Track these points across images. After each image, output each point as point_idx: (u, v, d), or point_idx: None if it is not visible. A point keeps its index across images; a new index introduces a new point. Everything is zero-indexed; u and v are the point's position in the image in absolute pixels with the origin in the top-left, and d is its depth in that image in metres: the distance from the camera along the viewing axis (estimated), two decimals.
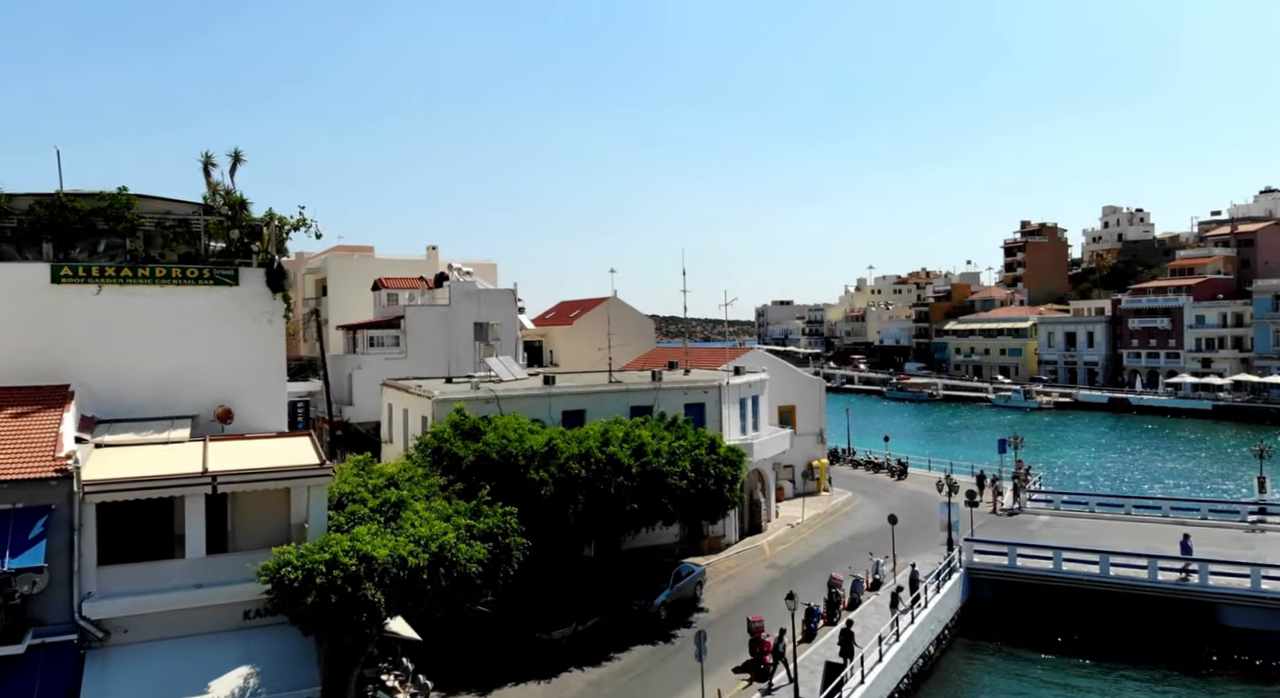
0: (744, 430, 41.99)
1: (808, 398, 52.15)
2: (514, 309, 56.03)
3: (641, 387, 38.50)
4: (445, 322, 53.19)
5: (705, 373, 45.86)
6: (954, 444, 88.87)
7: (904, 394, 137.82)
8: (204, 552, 21.56)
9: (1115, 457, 78.55)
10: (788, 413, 51.45)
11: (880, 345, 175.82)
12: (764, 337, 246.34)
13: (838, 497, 51.00)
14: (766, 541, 40.60)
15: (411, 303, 53.37)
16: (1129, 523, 42.72)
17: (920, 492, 52.27)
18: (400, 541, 20.52)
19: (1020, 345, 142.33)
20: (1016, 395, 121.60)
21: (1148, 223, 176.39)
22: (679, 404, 38.87)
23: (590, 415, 36.89)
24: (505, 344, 54.59)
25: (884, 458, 61.20)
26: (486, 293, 55.07)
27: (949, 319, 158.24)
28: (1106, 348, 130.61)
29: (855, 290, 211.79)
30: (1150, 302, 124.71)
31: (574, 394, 36.99)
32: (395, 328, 52.43)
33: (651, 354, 60.45)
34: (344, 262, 65.10)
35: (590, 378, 42.61)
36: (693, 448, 31.61)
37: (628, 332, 69.00)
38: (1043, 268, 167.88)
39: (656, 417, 37.23)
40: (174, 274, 26.60)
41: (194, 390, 26.61)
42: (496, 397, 35.13)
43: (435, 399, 34.38)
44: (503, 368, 41.34)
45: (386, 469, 27.66)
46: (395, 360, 51.77)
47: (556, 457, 28.45)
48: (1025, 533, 41.73)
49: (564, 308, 73.87)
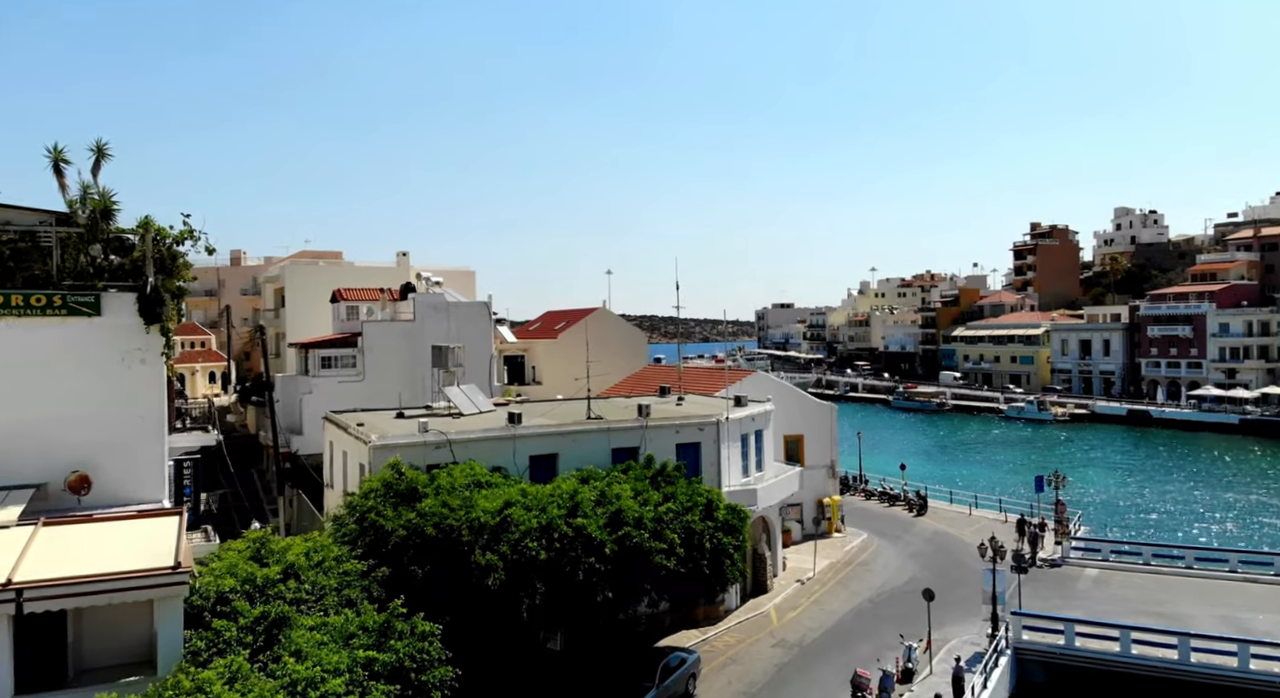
0: (746, 472, 36.04)
1: (817, 426, 46.19)
2: (488, 324, 50.03)
3: (625, 425, 32.53)
4: (409, 340, 47.21)
5: (701, 400, 39.94)
6: (970, 464, 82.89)
7: (911, 404, 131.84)
8: (11, 693, 15.68)
9: (1144, 480, 72.56)
10: (795, 444, 45.51)
11: (885, 352, 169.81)
12: (764, 340, 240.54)
13: (852, 539, 45.04)
14: (773, 604, 34.61)
15: (370, 318, 47.36)
16: (1194, 580, 36.76)
17: (944, 533, 46.32)
18: (266, 688, 14.53)
19: (1032, 353, 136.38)
20: (1030, 407, 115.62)
21: (1162, 225, 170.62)
22: (670, 445, 32.92)
23: (564, 460, 30.95)
24: (478, 364, 48.61)
25: (900, 488, 55.19)
26: (457, 306, 49.08)
27: (956, 325, 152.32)
28: (1124, 356, 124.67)
29: (858, 294, 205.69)
30: (1170, 309, 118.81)
31: (544, 435, 31.02)
32: (351, 346, 46.45)
33: (643, 373, 54.47)
34: (303, 270, 59.06)
35: (567, 409, 36.60)
36: (684, 511, 25.63)
37: (617, 345, 63.08)
38: (1053, 271, 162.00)
39: (642, 461, 31.32)
40: (14, 302, 20.63)
41: (40, 452, 20.63)
42: (448, 440, 29.15)
43: (372, 445, 28.40)
44: (464, 399, 35.36)
45: (294, 548, 21.71)
46: (351, 384, 45.83)
47: (510, 531, 22.47)
48: (1073, 592, 35.78)
49: (549, 319, 67.89)
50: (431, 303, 48.34)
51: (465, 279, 65.62)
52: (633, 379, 53.26)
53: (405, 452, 28.58)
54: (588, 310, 64.36)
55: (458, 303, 49.26)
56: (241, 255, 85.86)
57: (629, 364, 62.12)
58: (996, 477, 74.97)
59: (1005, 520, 49.34)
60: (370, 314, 47.89)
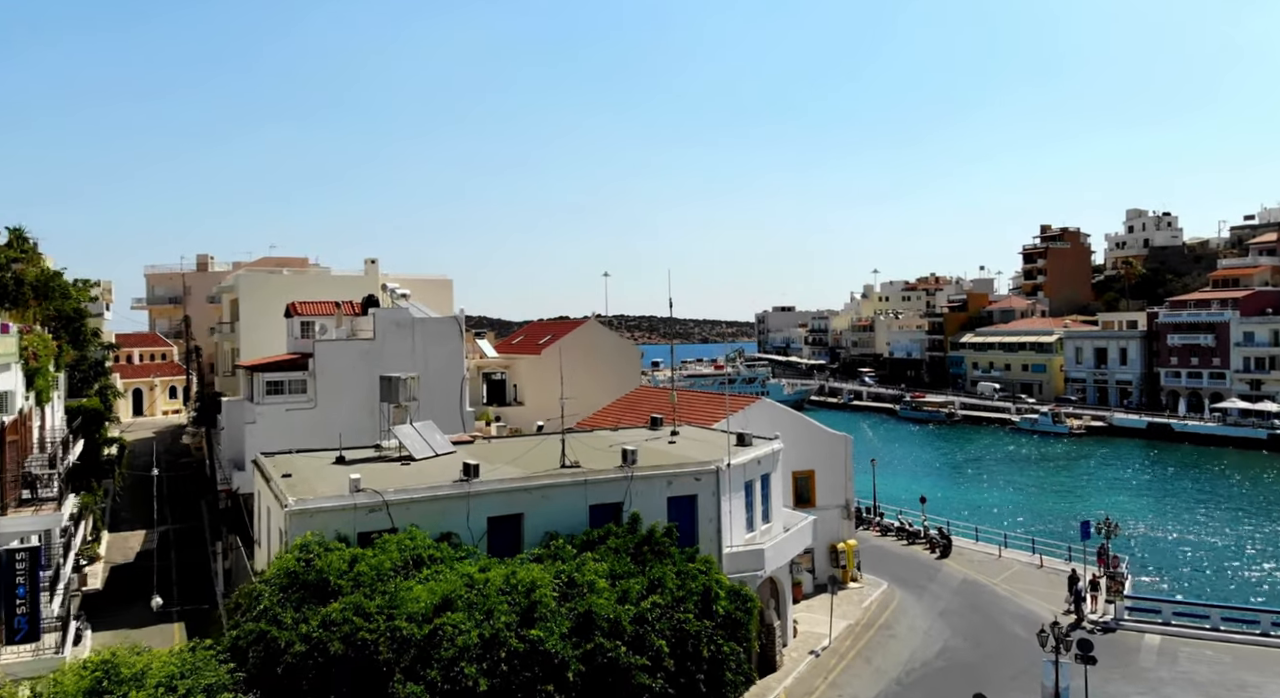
0: (751, 525, 30.57)
1: (830, 460, 40.69)
2: (459, 342, 44.50)
3: (606, 476, 27.04)
4: (368, 361, 41.68)
5: (698, 435, 34.47)
6: (988, 485, 77.29)
7: (919, 414, 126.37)
8: None
9: (1180, 507, 67.03)
10: (805, 481, 40.04)
11: (890, 358, 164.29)
12: (764, 344, 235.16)
13: (870, 590, 39.56)
14: (784, 686, 29.09)
15: (324, 336, 41.82)
16: (1275, 652, 31.31)
17: (975, 583, 40.82)
18: None
19: (1044, 361, 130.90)
20: (1044, 419, 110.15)
21: (1175, 227, 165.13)
22: (660, 500, 27.46)
23: (531, 522, 25.51)
24: (448, 388, 43.18)
25: (921, 524, 49.66)
26: (425, 323, 43.58)
27: (965, 331, 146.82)
28: (1141, 365, 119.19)
29: (861, 297, 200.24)
30: (1192, 316, 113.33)
31: (506, 492, 25.52)
32: (301, 369, 40.93)
33: (635, 397, 48.97)
34: (259, 279, 53.52)
35: (540, 453, 31.06)
36: (675, 604, 20.23)
37: (608, 361, 57.65)
38: (1064, 275, 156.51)
39: (626, 522, 25.91)
40: None
41: None
42: (385, 503, 23.65)
43: (289, 510, 22.92)
44: (416, 440, 29.89)
45: (152, 673, 16.23)
46: (301, 412, 40.33)
47: (443, 647, 17.01)
48: (1135, 669, 30.27)
49: (534, 331, 62.37)
50: (395, 319, 42.84)
51: (440, 290, 60.05)
52: (623, 403, 47.81)
53: (330, 518, 23.14)
54: (575, 323, 58.96)
55: (425, 318, 43.74)
56: (209, 260, 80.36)
57: (621, 381, 56.67)
58: (1020, 502, 69.48)
59: (1040, 565, 43.89)
60: (323, 332, 42.36)
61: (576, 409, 54.16)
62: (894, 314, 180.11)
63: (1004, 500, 70.16)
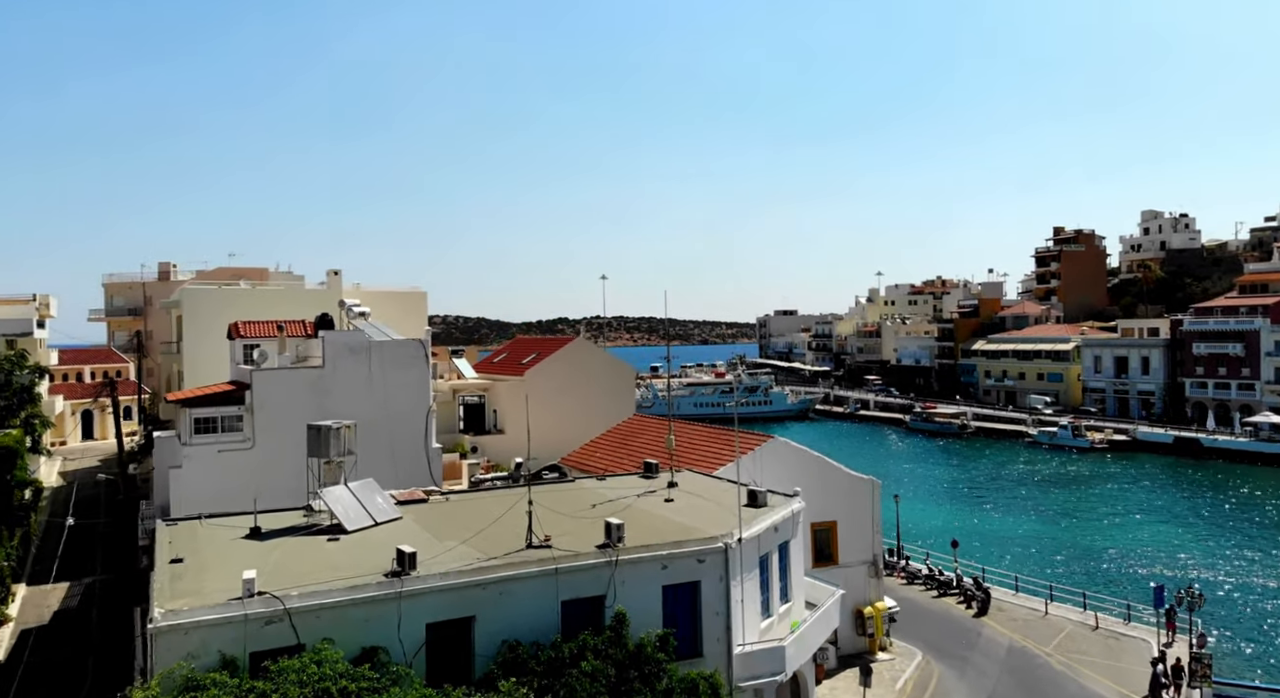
0: (767, 609, 24.72)
1: (854, 509, 34.83)
2: (424, 367, 38.58)
3: (584, 562, 21.13)
4: (317, 393, 35.76)
5: (700, 485, 28.61)
6: (1013, 510, 71.07)
7: (930, 426, 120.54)
8: None
9: (1226, 540, 61.12)
10: (826, 534, 34.18)
11: (897, 365, 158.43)
12: (766, 349, 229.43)
13: (903, 664, 33.72)
14: None
15: (264, 364, 35.92)
16: None
17: (1024, 651, 34.95)
18: None
19: (1061, 370, 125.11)
20: (1064, 432, 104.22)
21: (1193, 229, 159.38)
22: (652, 589, 21.58)
23: (484, 627, 19.66)
24: (411, 422, 37.35)
25: (954, 572, 43.75)
26: (384, 346, 37.67)
27: (976, 337, 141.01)
28: (1164, 375, 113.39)
29: (867, 301, 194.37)
30: (1219, 324, 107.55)
31: (451, 589, 19.66)
32: (237, 403, 35.05)
33: (626, 429, 43.06)
34: (204, 295, 47.65)
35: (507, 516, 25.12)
36: None
37: (599, 384, 51.86)
38: (1079, 279, 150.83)
39: (609, 626, 20.10)
40: None
41: None
42: (286, 611, 17.81)
43: (158, 627, 17.08)
44: (350, 505, 24.02)
45: None
46: (236, 454, 34.46)
47: None
48: None
49: (518, 349, 56.49)
50: (348, 343, 36.92)
51: (411, 304, 54.07)
52: (615, 437, 41.95)
53: (213, 635, 17.30)
54: (562, 340, 53.13)
55: (385, 341, 37.85)
56: (171, 268, 74.48)
57: (613, 405, 50.86)
58: (1052, 535, 63.32)
59: (1096, 626, 38.03)
60: (264, 358, 36.44)
61: (565, 437, 48.40)
62: (901, 319, 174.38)
63: (1033, 532, 64.25)
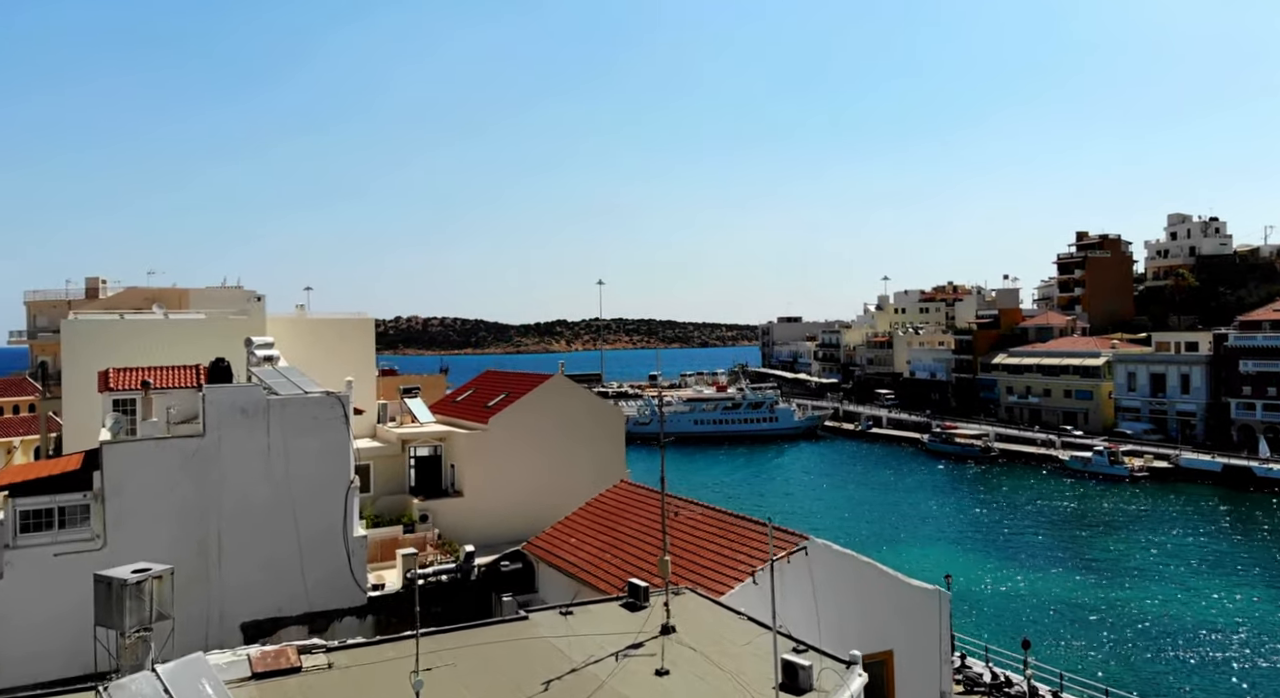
0: None
1: (917, 634, 25.63)
2: (343, 432, 29.36)
3: None
4: (194, 471, 26.67)
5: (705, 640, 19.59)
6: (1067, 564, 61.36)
7: (950, 448, 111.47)
8: None
9: None
10: (879, 669, 25.08)
11: (911, 379, 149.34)
12: (769, 358, 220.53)
13: None
14: None
15: (119, 435, 26.88)
16: None
17: None
18: None
19: (1091, 387, 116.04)
20: (1099, 459, 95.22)
21: (1224, 234, 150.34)
22: None
23: None
24: (319, 504, 28.30)
25: (1024, 679, 34.58)
26: (286, 406, 28.50)
27: (996, 350, 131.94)
28: (1206, 394, 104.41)
29: (876, 309, 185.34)
30: (1269, 339, 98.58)
31: None
32: (83, 488, 25.98)
33: (614, 501, 33.87)
34: (92, 329, 38.57)
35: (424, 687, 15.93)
36: None
37: (581, 430, 42.72)
38: (1104, 288, 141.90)
39: None
40: None
41: None
42: None
43: None
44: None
45: None
46: (80, 557, 25.41)
47: None
48: None
49: (486, 386, 47.26)
50: (238, 401, 27.75)
51: (355, 335, 44.81)
52: (595, 514, 32.82)
53: None
54: (538, 378, 43.91)
55: (289, 398, 28.69)
56: (100, 285, 65.49)
57: (598, 462, 41.76)
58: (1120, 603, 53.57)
59: None
60: (119, 425, 27.36)
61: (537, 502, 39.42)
62: (913, 329, 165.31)
63: (1097, 599, 54.92)
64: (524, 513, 39.08)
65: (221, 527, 27.45)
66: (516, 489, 39.60)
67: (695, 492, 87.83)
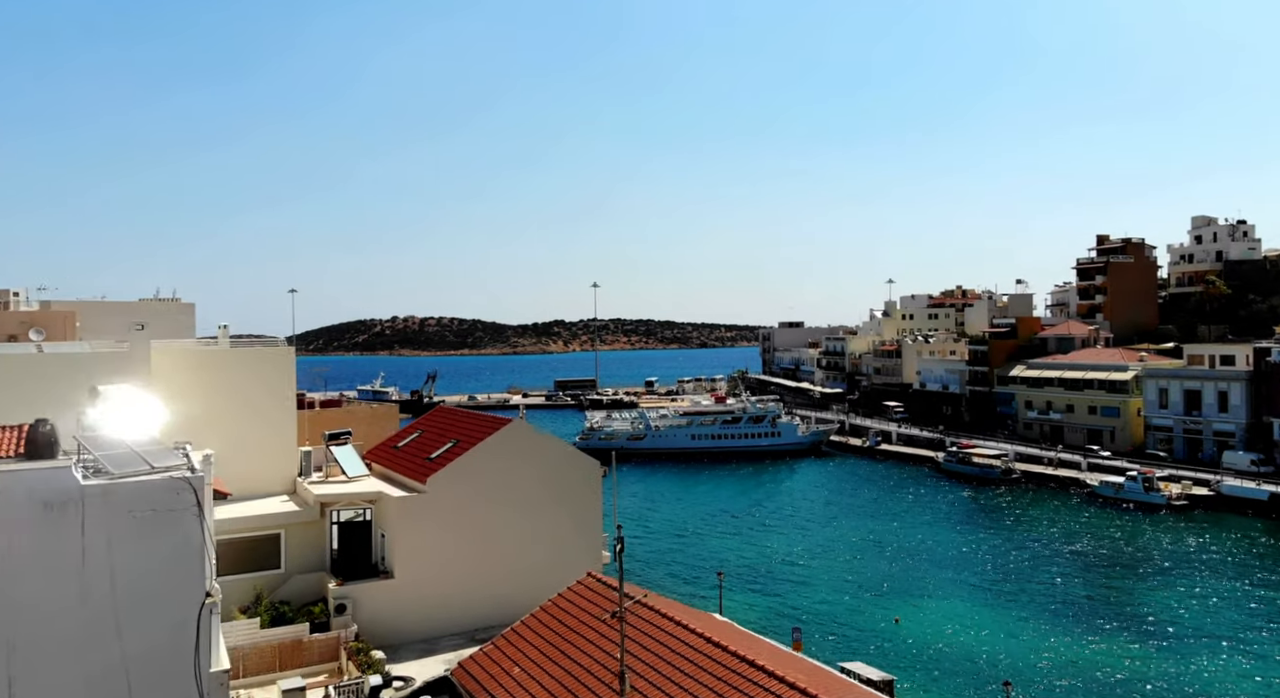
0: None
1: None
2: (195, 528, 21.27)
3: None
4: None
5: None
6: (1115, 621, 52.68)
7: (967, 469, 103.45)
8: None
9: None
10: None
11: (921, 390, 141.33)
12: (770, 364, 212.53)
13: None
14: None
15: None
16: None
17: None
18: None
19: (1118, 403, 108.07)
20: (1132, 485, 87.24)
21: (1253, 238, 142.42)
22: None
23: None
24: (160, 636, 20.24)
25: None
26: (110, 494, 20.33)
27: (1013, 362, 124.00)
28: (1246, 413, 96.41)
29: (883, 315, 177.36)
30: None
31: None
32: None
33: (575, 602, 25.81)
34: None
35: None
36: None
37: (547, 492, 34.70)
38: (1127, 295, 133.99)
39: None
40: None
41: None
42: None
43: None
44: None
45: None
46: None
47: None
48: None
49: (434, 429, 39.04)
50: (39, 493, 19.28)
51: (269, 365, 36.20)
52: (548, 626, 24.71)
53: None
54: (494, 423, 35.76)
55: (115, 487, 20.46)
56: (11, 299, 57.25)
57: (566, 535, 33.80)
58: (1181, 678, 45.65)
59: None
60: None
61: (492, 583, 31.52)
62: (923, 337, 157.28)
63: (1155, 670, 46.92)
64: (471, 600, 31.18)
65: (12, 671, 19.37)
66: (462, 568, 31.62)
67: (696, 526, 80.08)
